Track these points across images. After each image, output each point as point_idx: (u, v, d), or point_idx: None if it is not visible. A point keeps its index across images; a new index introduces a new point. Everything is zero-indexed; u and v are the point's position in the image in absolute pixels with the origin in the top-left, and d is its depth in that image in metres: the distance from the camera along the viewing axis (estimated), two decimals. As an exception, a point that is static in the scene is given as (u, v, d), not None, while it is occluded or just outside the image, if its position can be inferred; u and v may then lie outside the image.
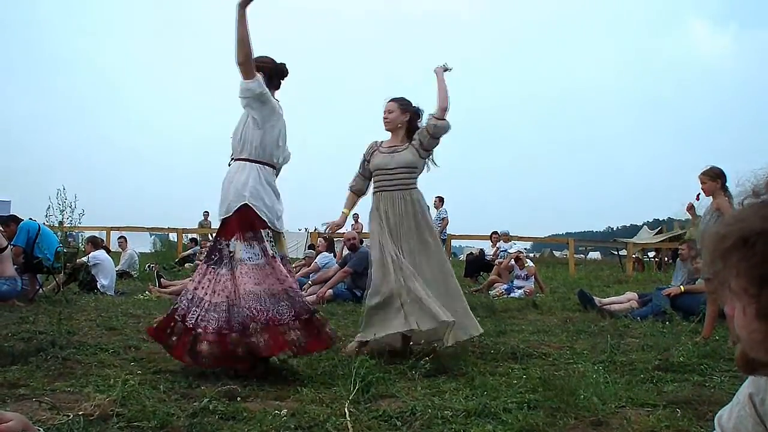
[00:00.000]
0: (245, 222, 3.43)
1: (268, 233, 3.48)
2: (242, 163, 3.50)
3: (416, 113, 4.42)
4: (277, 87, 3.69)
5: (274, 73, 3.64)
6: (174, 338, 3.34)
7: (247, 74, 3.36)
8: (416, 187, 4.31)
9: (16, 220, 7.66)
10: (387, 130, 4.39)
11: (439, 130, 4.24)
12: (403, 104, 4.36)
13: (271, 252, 3.42)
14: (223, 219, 3.51)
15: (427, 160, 4.36)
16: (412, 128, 4.39)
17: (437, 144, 4.31)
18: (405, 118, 4.35)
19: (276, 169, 3.65)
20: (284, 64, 3.70)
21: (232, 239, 3.41)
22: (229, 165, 3.60)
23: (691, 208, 5.22)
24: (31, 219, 7.49)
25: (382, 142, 4.41)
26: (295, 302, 3.38)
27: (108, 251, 10.26)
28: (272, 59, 3.66)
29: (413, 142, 4.30)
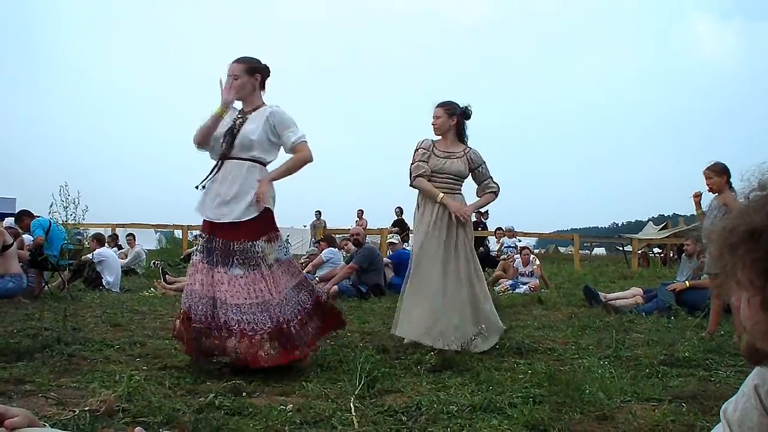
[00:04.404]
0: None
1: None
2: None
3: (463, 114, 4.44)
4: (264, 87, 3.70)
5: (267, 75, 3.65)
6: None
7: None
8: (461, 194, 4.40)
9: (29, 214, 7.76)
10: (436, 134, 4.41)
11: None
12: (449, 109, 4.38)
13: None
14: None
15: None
16: (461, 129, 4.44)
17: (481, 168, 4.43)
18: (452, 122, 4.38)
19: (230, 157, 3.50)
20: (267, 66, 3.67)
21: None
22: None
23: (697, 195, 5.15)
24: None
25: (434, 142, 4.40)
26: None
27: (120, 247, 10.32)
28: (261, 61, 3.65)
29: (470, 154, 4.36)
